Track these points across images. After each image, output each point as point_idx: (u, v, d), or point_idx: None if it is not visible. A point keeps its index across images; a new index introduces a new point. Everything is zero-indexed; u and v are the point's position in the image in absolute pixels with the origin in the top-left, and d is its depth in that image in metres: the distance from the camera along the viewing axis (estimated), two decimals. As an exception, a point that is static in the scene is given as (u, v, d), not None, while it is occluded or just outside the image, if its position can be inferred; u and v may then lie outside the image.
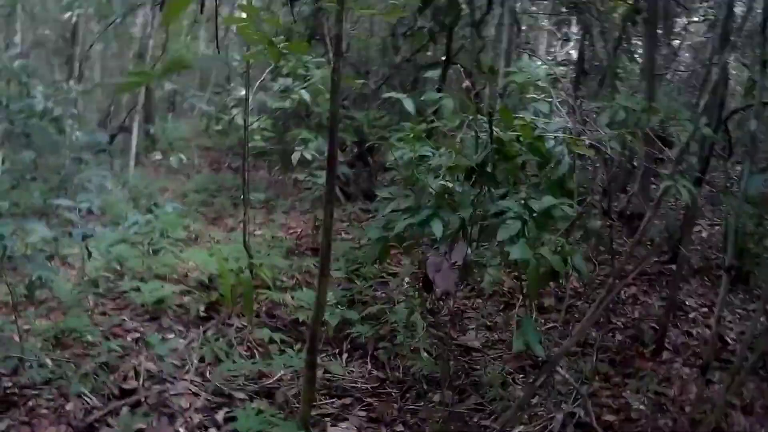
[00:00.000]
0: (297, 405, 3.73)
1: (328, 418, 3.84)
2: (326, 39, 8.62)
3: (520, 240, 3.05)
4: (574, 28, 10.77)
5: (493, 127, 3.41)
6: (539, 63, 5.14)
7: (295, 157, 6.82)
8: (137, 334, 5.03)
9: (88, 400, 3.93)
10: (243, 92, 8.55)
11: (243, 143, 6.42)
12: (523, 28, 9.79)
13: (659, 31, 8.10)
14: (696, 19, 10.75)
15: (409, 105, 4.49)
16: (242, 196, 5.95)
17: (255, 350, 4.61)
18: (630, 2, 8.08)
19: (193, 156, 12.37)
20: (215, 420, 3.82)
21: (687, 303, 5.97)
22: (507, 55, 6.68)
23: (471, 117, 3.53)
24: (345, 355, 4.48)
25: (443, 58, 7.49)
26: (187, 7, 1.81)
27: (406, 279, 5.67)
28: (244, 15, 3.02)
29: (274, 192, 9.28)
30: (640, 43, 9.20)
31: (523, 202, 3.23)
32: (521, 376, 4.42)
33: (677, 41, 11.29)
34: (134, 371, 4.30)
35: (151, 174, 10.97)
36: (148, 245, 6.76)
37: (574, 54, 10.16)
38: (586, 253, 5.21)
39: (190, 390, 4.11)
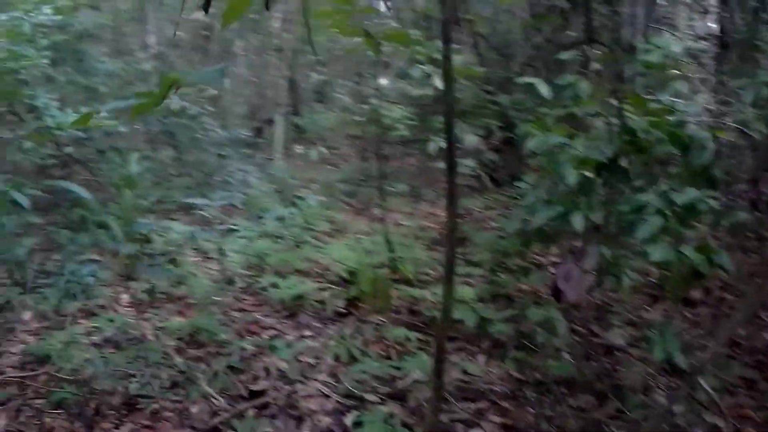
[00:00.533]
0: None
1: (460, 424, 3.58)
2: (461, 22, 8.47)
3: (660, 238, 2.65)
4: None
5: (626, 114, 3.00)
6: (678, 38, 4.59)
7: (431, 146, 6.59)
8: (273, 332, 5.01)
9: (215, 401, 3.91)
10: (382, 81, 8.49)
11: (381, 133, 6.27)
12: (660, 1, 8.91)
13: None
14: None
15: (543, 89, 4.16)
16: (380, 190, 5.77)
17: (391, 349, 4.42)
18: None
19: (340, 146, 12.47)
20: (344, 424, 3.66)
21: None
22: (644, 32, 6.06)
23: (603, 102, 3.14)
24: (484, 355, 4.19)
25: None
26: (247, 7, 1.62)
27: (552, 271, 5.28)
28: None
29: (421, 181, 9.08)
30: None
31: (663, 195, 2.81)
32: (665, 379, 3.95)
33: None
34: (265, 371, 4.22)
35: (298, 166, 11.12)
36: (290, 239, 6.80)
37: (716, 27, 9.15)
38: (733, 244, 4.60)
39: (321, 391, 3.98)
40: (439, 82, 6.27)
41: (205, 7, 1.83)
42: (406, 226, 7.29)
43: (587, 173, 3.19)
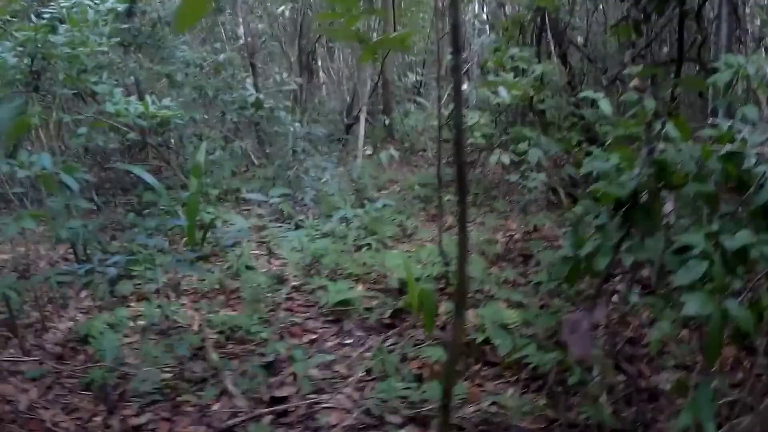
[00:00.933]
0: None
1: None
2: (549, 31, 8.20)
3: (702, 288, 2.38)
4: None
5: (669, 140, 2.73)
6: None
7: (493, 159, 6.39)
8: (313, 336, 4.94)
9: (236, 402, 3.86)
10: (464, 86, 8.34)
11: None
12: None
13: None
14: None
15: (605, 106, 3.92)
16: (438, 198, 5.60)
17: (426, 369, 4.26)
18: None
19: (426, 148, 12.35)
20: (357, 444, 3.55)
21: None
22: (727, 49, 5.63)
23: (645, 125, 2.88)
24: (520, 386, 3.98)
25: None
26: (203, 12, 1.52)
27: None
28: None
29: (497, 191, 8.86)
30: None
31: (710, 237, 2.52)
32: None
33: None
34: (293, 377, 4.16)
35: (379, 166, 11.05)
36: (351, 242, 6.73)
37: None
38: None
39: (344, 406, 3.87)
40: (504, 92, 6.10)
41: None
42: (471, 238, 7.11)
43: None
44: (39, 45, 4.21)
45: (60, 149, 5.95)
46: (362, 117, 10.58)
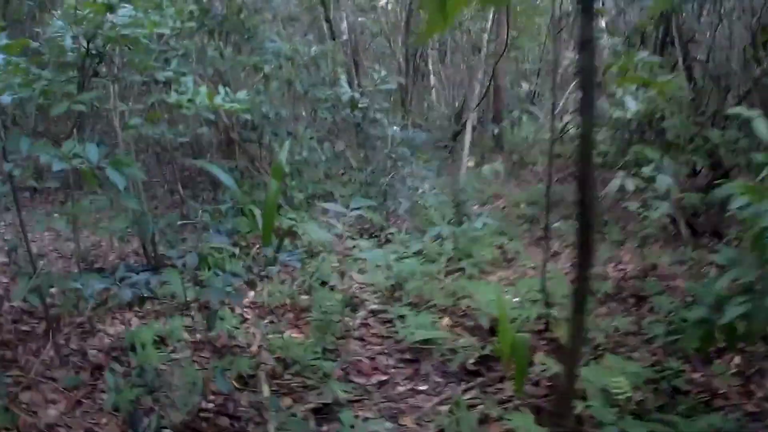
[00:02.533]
0: None
1: None
2: (676, 41, 7.27)
3: None
4: None
5: None
6: None
7: (615, 184, 5.56)
8: (383, 377, 4.30)
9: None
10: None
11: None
12: None
13: None
14: None
15: (762, 127, 3.11)
16: (546, 226, 4.85)
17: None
18: None
19: (536, 162, 11.50)
20: None
21: None
22: None
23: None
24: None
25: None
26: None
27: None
28: None
29: (610, 217, 7.94)
30: None
31: None
32: None
33: None
34: (351, 429, 3.52)
35: (483, 178, 10.30)
36: (443, 265, 6.05)
37: None
38: None
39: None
40: (633, 103, 5.28)
41: None
42: None
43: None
44: (97, 25, 3.75)
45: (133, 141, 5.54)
46: (469, 125, 9.87)
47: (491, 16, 11.17)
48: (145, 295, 3.36)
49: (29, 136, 3.37)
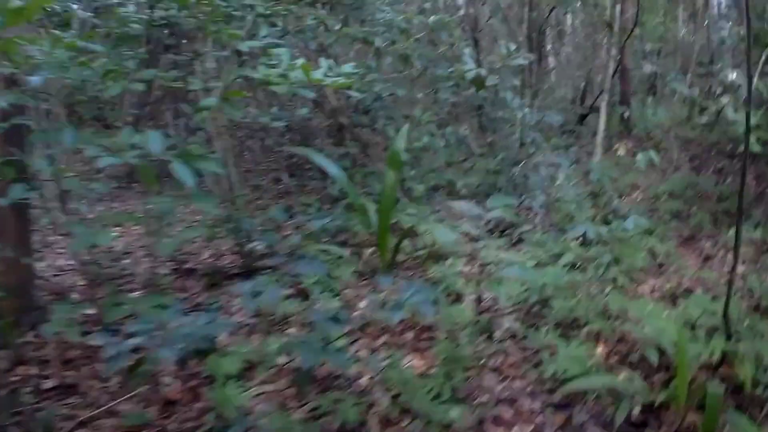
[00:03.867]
0: None
1: None
2: None
3: None
4: None
5: None
6: None
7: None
8: (529, 427, 3.27)
9: None
10: (733, 75, 6.19)
11: (743, 147, 4.12)
12: None
13: None
14: None
15: None
16: (736, 229, 3.66)
17: None
18: None
19: (672, 150, 10.06)
20: None
21: None
22: None
23: None
24: None
25: None
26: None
27: None
28: None
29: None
30: None
31: None
32: None
33: None
34: None
35: (620, 167, 9.00)
36: (595, 274, 4.93)
37: None
38: None
39: None
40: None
41: None
42: (748, 287, 4.97)
43: None
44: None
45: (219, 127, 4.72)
46: (603, 106, 8.56)
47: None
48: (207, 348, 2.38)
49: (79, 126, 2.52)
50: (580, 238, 5.37)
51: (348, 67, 3.27)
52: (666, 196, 7.67)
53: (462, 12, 9.41)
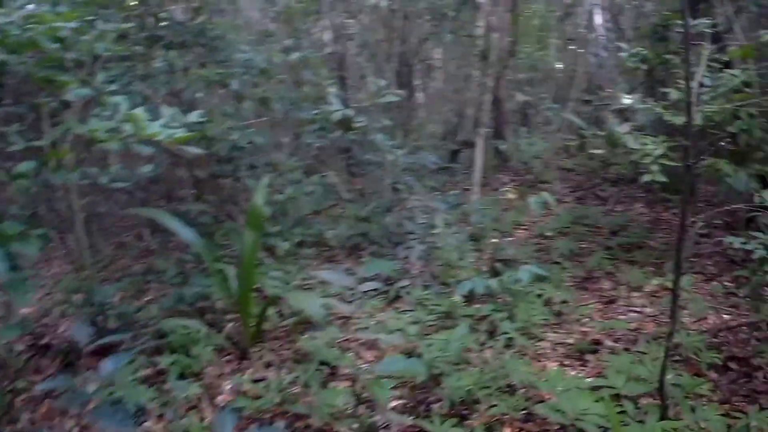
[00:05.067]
0: None
1: None
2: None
3: None
4: None
5: None
6: None
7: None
8: None
9: None
10: (626, 100, 5.87)
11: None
12: None
13: None
14: None
15: None
16: (674, 274, 3.16)
17: None
18: None
19: (554, 182, 9.77)
20: None
21: None
22: None
23: None
24: None
25: None
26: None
27: None
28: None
29: (673, 245, 6.18)
30: None
31: None
32: None
33: None
34: None
35: (499, 203, 8.54)
36: (485, 339, 4.32)
37: None
38: None
39: None
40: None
41: None
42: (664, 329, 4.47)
43: None
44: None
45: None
46: (479, 142, 8.12)
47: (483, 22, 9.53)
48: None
49: None
50: (468, 296, 4.80)
51: (195, 116, 2.58)
52: (554, 234, 7.24)
53: (329, 49, 8.83)
